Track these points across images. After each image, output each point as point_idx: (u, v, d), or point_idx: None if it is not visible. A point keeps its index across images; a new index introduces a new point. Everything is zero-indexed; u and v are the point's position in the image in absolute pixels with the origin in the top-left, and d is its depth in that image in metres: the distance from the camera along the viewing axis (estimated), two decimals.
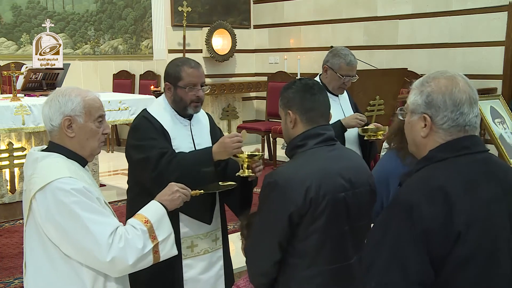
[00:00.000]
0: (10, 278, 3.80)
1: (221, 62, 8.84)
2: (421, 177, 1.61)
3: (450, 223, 1.49)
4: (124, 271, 2.02)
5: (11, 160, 5.10)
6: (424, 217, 1.49)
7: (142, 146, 2.60)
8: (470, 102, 1.64)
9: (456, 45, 6.99)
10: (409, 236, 1.50)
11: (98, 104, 2.12)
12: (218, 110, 8.58)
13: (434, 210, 1.50)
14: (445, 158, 1.60)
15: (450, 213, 1.50)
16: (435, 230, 1.49)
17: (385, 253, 1.54)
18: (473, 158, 1.61)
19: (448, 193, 1.52)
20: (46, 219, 1.93)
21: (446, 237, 1.49)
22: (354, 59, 3.48)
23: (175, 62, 2.72)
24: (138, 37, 9.12)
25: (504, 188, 1.61)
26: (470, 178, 1.58)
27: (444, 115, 1.61)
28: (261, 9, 9.32)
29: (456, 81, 1.65)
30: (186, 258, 2.70)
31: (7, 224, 4.99)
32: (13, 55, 8.48)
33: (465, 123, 1.62)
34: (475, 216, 1.52)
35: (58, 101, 2.05)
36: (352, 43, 7.83)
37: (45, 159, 2.03)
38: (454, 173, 1.57)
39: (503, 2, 6.51)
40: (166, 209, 2.14)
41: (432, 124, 1.62)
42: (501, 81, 6.61)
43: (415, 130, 1.67)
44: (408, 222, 1.50)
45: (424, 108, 1.63)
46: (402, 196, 1.58)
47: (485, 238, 1.53)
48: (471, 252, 1.50)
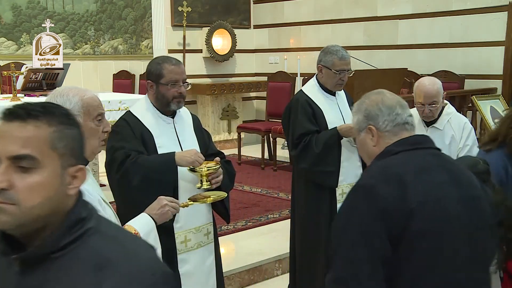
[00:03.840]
0: None
1: (221, 62, 8.84)
2: (379, 165, 1.82)
3: (404, 201, 1.66)
4: None
5: None
6: (382, 196, 1.67)
7: (112, 149, 2.66)
8: (401, 105, 1.88)
9: (456, 45, 6.98)
10: (371, 214, 1.67)
11: (97, 103, 2.11)
12: (218, 110, 8.57)
13: (389, 190, 1.68)
14: (400, 151, 1.81)
15: (404, 193, 1.67)
16: (392, 208, 1.66)
17: (350, 232, 1.70)
18: (425, 151, 1.82)
19: (402, 176, 1.71)
20: None
21: (401, 214, 1.65)
22: (346, 53, 3.48)
23: (156, 61, 2.77)
24: (138, 37, 9.12)
25: (454, 179, 1.79)
26: (423, 165, 1.77)
27: (384, 120, 1.85)
28: (261, 9, 9.32)
29: (383, 94, 1.93)
30: (181, 253, 2.74)
31: None
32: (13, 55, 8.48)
33: (403, 121, 1.85)
34: (428, 195, 1.69)
35: (56, 102, 2.05)
36: (352, 43, 7.83)
37: None
38: (408, 161, 1.78)
39: (503, 2, 6.51)
40: (155, 222, 2.16)
41: (377, 131, 1.85)
42: (501, 81, 6.60)
43: (366, 144, 1.90)
44: (369, 201, 1.68)
45: (366, 122, 1.88)
46: (363, 180, 1.78)
47: (438, 216, 1.69)
48: (424, 227, 1.66)
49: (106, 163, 2.70)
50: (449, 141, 3.54)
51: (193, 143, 2.82)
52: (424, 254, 1.67)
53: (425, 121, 3.59)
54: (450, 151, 3.54)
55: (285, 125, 3.57)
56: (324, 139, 3.38)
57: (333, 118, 3.49)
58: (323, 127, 3.45)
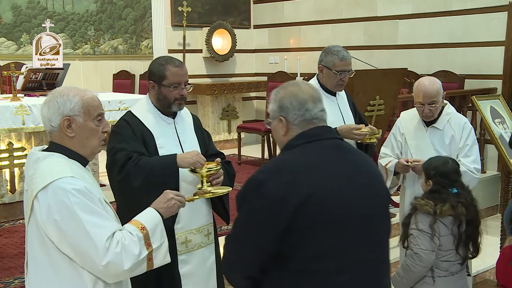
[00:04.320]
0: (10, 278, 3.80)
1: (221, 62, 8.84)
2: (273, 160, 1.99)
3: (294, 194, 1.77)
4: (119, 277, 2.01)
5: (11, 160, 5.10)
6: (270, 190, 1.79)
7: (113, 150, 2.65)
8: (313, 100, 1.97)
9: (456, 45, 6.98)
10: (259, 208, 1.81)
11: (97, 103, 2.12)
12: (218, 110, 8.57)
13: (278, 184, 1.79)
14: (298, 145, 1.93)
15: (294, 186, 1.78)
16: (279, 201, 1.77)
17: (240, 219, 1.88)
18: (321, 143, 1.93)
19: (293, 169, 1.84)
20: (47, 219, 1.93)
21: (289, 206, 1.76)
22: (347, 54, 3.48)
23: (159, 61, 2.76)
24: (138, 37, 9.12)
25: (351, 167, 1.92)
26: (316, 157, 1.89)
27: (294, 114, 1.95)
28: (261, 9, 9.32)
29: (299, 86, 2.02)
30: (181, 253, 2.74)
31: (7, 224, 4.99)
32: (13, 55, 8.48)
33: (311, 117, 1.96)
34: (318, 187, 1.80)
35: (57, 102, 2.05)
36: (352, 43, 7.83)
37: (47, 159, 2.03)
38: (302, 155, 1.89)
39: (503, 2, 6.51)
40: (162, 216, 2.15)
41: (287, 122, 1.96)
42: (501, 81, 6.60)
43: (277, 132, 2.01)
44: (257, 196, 1.82)
45: (278, 112, 1.99)
46: (254, 175, 1.89)
47: (329, 205, 1.80)
48: (315, 218, 1.77)
49: (107, 165, 2.69)
50: (449, 141, 3.54)
51: (194, 143, 2.81)
52: (317, 241, 1.78)
53: (425, 121, 3.59)
54: (450, 151, 3.55)
55: None
56: None
57: (333, 118, 3.49)
58: None
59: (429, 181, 3.04)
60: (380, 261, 1.94)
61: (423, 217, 2.93)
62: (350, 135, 3.35)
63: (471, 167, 3.49)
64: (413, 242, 2.96)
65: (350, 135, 3.36)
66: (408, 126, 3.67)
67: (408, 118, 3.70)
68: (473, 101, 5.95)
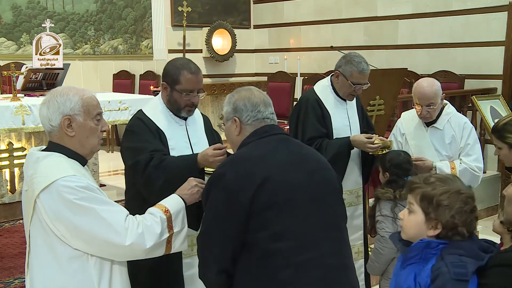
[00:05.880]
0: (10, 278, 3.80)
1: (221, 62, 8.84)
2: (231, 156, 2.16)
3: (250, 180, 1.95)
4: (138, 256, 2.08)
5: (11, 160, 5.10)
6: (229, 180, 1.96)
7: (135, 150, 2.61)
8: (264, 104, 2.17)
9: (456, 45, 6.98)
10: (221, 199, 1.97)
11: (96, 102, 2.13)
12: (218, 110, 8.57)
13: (236, 174, 1.98)
14: (251, 141, 2.11)
15: (250, 174, 1.96)
16: (238, 188, 1.94)
17: (207, 214, 2.03)
18: (271, 138, 2.12)
19: (248, 160, 2.02)
20: (55, 218, 1.94)
21: (248, 191, 1.93)
22: (367, 67, 3.40)
23: (176, 64, 2.69)
24: (138, 37, 9.12)
25: (299, 157, 2.11)
26: (267, 149, 2.07)
27: (247, 115, 2.14)
28: (261, 9, 9.32)
29: (251, 91, 2.20)
30: (186, 256, 2.71)
31: (7, 224, 4.99)
32: (13, 55, 8.47)
33: (263, 117, 2.15)
34: (271, 172, 1.97)
35: (57, 101, 2.06)
36: (352, 43, 7.83)
37: (47, 158, 2.04)
38: (254, 148, 2.08)
39: (503, 2, 6.51)
40: (185, 203, 2.24)
41: (240, 123, 2.14)
42: (501, 81, 6.60)
43: (231, 132, 2.19)
44: (219, 188, 1.99)
45: (233, 114, 2.17)
46: (216, 170, 2.09)
47: (282, 188, 1.97)
48: (270, 199, 1.94)
49: (130, 166, 2.63)
50: (450, 140, 3.54)
51: (204, 145, 2.76)
52: (276, 221, 1.94)
53: (424, 121, 3.59)
54: (451, 151, 3.54)
55: (293, 123, 3.51)
56: (336, 147, 3.35)
57: (340, 124, 3.46)
58: (329, 131, 3.42)
59: (386, 173, 3.29)
60: (341, 239, 2.08)
61: (385, 204, 3.21)
62: (363, 147, 3.33)
63: (473, 165, 3.48)
64: (379, 227, 3.24)
65: (364, 148, 3.34)
66: (409, 126, 3.67)
67: (409, 118, 3.70)
68: (473, 101, 5.96)
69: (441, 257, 1.74)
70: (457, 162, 3.51)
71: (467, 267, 1.68)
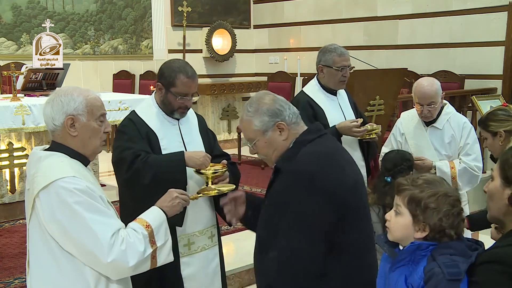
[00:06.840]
0: (10, 278, 3.80)
1: (221, 62, 8.84)
2: (309, 152, 1.95)
3: (344, 181, 1.89)
4: (124, 274, 2.03)
5: (11, 160, 5.09)
6: (324, 180, 1.85)
7: (120, 148, 2.63)
8: (285, 102, 2.06)
9: (456, 45, 6.98)
10: (313, 199, 1.83)
11: (100, 103, 2.13)
12: (218, 110, 8.57)
13: (333, 174, 1.88)
14: (314, 139, 1.99)
15: (342, 173, 1.90)
16: (334, 189, 1.85)
17: (290, 218, 1.86)
18: (327, 137, 2.05)
19: (334, 158, 1.94)
20: (50, 218, 1.93)
21: (343, 192, 1.87)
22: (344, 50, 3.50)
23: (172, 66, 2.67)
24: (138, 37, 9.12)
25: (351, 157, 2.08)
26: (339, 149, 2.04)
27: (288, 114, 2.01)
28: (261, 9, 9.32)
29: (267, 93, 2.09)
30: (184, 256, 2.71)
31: (7, 224, 4.99)
32: (13, 55, 8.46)
33: (296, 113, 2.04)
34: (355, 174, 1.96)
35: (61, 101, 2.06)
36: (352, 43, 7.83)
37: (48, 158, 2.04)
38: (331, 146, 2.00)
39: (503, 2, 6.51)
40: (166, 215, 2.17)
41: (286, 125, 2.00)
42: (501, 81, 6.61)
43: (275, 141, 2.03)
44: (310, 187, 1.84)
45: (273, 120, 2.00)
46: (300, 167, 1.91)
47: (362, 193, 2.00)
48: (357, 202, 1.92)
49: (114, 162, 2.66)
50: (449, 140, 3.54)
51: (199, 145, 2.78)
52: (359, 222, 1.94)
53: (424, 120, 3.60)
54: (451, 150, 3.55)
55: None
56: None
57: (335, 117, 3.49)
58: (325, 127, 3.44)
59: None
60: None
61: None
62: (350, 132, 3.35)
63: (472, 165, 3.50)
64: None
65: (350, 132, 3.36)
66: (408, 126, 3.68)
67: (408, 118, 3.71)
68: (473, 101, 5.96)
69: (432, 258, 1.74)
70: (457, 161, 3.52)
71: (459, 266, 1.68)
